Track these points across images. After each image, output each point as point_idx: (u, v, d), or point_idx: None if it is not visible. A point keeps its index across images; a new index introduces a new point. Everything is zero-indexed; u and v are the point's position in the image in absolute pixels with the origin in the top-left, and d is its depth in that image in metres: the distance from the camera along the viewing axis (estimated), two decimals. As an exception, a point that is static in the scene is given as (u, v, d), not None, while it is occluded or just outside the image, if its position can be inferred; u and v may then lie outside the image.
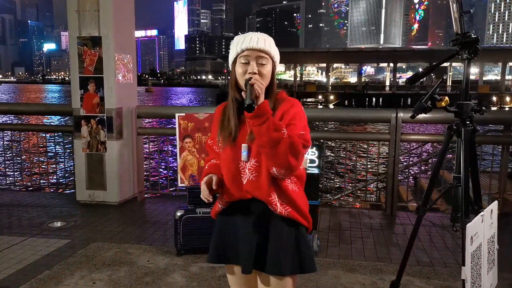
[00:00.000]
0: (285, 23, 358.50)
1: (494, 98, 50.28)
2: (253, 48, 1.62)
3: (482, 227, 1.33)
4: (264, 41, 1.63)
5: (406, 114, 4.47)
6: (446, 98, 1.94)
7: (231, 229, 1.73)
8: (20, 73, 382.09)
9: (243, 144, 1.65)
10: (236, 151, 1.65)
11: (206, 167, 1.79)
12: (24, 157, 6.56)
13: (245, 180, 1.65)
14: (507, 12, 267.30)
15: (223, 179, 1.70)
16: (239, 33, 1.82)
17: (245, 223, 1.68)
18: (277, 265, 1.63)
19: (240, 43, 1.63)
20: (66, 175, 7.30)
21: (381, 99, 54.49)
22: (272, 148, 1.51)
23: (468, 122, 1.98)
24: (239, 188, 1.67)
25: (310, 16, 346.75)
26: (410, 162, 6.46)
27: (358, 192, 6.30)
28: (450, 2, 1.94)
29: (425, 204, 2.20)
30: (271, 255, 1.64)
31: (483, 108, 1.92)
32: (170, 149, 5.64)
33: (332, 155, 8.28)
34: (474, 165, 1.97)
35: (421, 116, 4.81)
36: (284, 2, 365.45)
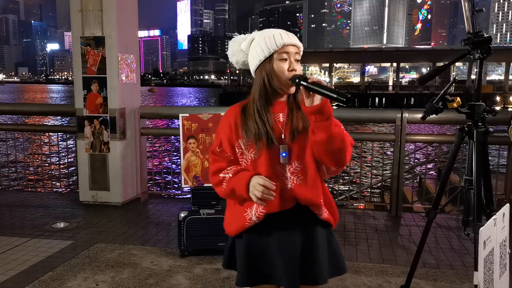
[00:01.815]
0: (288, 23, 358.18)
1: (498, 98, 50.11)
2: (293, 44, 1.55)
3: (495, 231, 1.30)
4: (294, 36, 1.56)
5: (411, 115, 4.43)
6: (458, 99, 1.90)
7: (262, 245, 1.57)
8: (24, 73, 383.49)
9: (281, 145, 1.53)
10: (274, 155, 1.53)
11: (231, 175, 1.56)
12: (29, 152, 6.56)
13: (290, 185, 1.55)
14: (510, 12, 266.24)
15: None
16: (242, 32, 1.74)
17: (283, 236, 1.55)
18: (323, 273, 1.57)
19: (273, 38, 1.52)
20: (72, 175, 7.29)
21: (384, 99, 54.38)
22: (332, 144, 1.46)
23: (480, 124, 1.93)
24: (283, 196, 1.54)
25: (313, 16, 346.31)
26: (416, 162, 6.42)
27: (363, 192, 6.26)
28: (462, 1, 1.90)
29: (435, 207, 2.16)
30: (316, 264, 1.56)
31: (495, 109, 1.89)
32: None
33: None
34: (486, 167, 1.93)
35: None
36: (286, 2, 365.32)
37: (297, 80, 1.49)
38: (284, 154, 1.53)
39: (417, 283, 2.95)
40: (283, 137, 1.54)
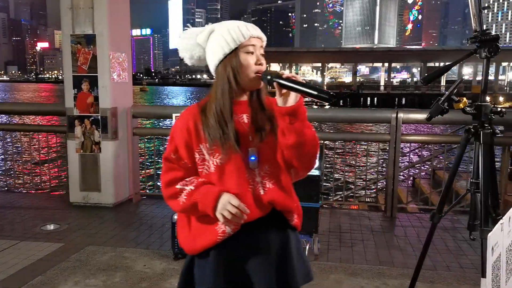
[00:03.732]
0: (280, 22, 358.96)
1: (488, 98, 50.50)
2: (258, 36, 1.42)
3: (501, 236, 1.26)
4: (258, 28, 1.44)
5: (406, 115, 4.41)
6: (465, 99, 1.85)
7: (236, 258, 1.43)
8: (13, 72, 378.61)
9: (250, 149, 1.40)
10: (242, 159, 1.40)
11: (192, 187, 1.39)
12: (18, 152, 6.44)
13: (263, 190, 1.43)
14: (500, 12, 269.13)
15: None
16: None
17: (258, 244, 1.43)
18: (298, 281, 1.48)
19: (238, 30, 1.39)
20: (62, 175, 7.17)
21: (376, 99, 54.65)
22: (304, 148, 1.36)
23: (486, 125, 1.88)
24: (259, 203, 1.41)
25: (305, 15, 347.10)
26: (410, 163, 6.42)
27: (357, 193, 6.24)
28: None
29: (440, 211, 2.10)
30: (292, 272, 1.46)
31: (502, 110, 1.85)
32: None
33: (330, 154, 8.22)
34: (493, 170, 1.88)
35: (421, 116, 4.76)
36: (279, 1, 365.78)
37: (269, 77, 1.35)
38: (253, 158, 1.41)
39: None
40: (250, 140, 1.41)
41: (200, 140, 1.41)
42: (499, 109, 1.91)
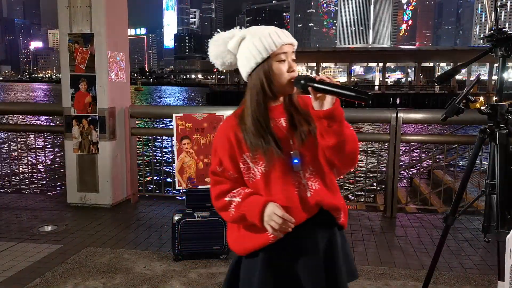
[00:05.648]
0: (275, 22, 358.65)
1: (482, 98, 50.76)
2: (290, 43, 1.41)
3: (517, 238, 1.24)
4: (289, 34, 1.44)
5: (406, 114, 4.40)
6: (481, 99, 1.83)
7: (285, 259, 1.44)
8: (6, 71, 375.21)
9: (293, 152, 1.41)
10: (286, 164, 1.41)
11: (239, 200, 1.42)
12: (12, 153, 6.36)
13: (310, 192, 1.43)
14: (493, 12, 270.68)
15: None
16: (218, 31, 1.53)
17: (306, 245, 1.44)
18: (344, 282, 1.47)
19: (270, 38, 1.38)
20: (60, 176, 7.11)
21: (370, 98, 54.77)
22: (345, 147, 1.36)
23: (502, 125, 1.85)
24: (306, 205, 1.42)
25: (299, 15, 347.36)
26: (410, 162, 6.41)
27: (356, 193, 6.23)
28: None
29: (453, 213, 2.07)
30: (339, 273, 1.46)
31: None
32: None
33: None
34: (508, 171, 1.85)
35: (420, 116, 4.75)
36: (273, 1, 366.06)
37: (302, 82, 1.34)
38: (296, 161, 1.41)
39: (417, 286, 2.90)
40: (291, 143, 1.43)
41: (243, 150, 1.43)
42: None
